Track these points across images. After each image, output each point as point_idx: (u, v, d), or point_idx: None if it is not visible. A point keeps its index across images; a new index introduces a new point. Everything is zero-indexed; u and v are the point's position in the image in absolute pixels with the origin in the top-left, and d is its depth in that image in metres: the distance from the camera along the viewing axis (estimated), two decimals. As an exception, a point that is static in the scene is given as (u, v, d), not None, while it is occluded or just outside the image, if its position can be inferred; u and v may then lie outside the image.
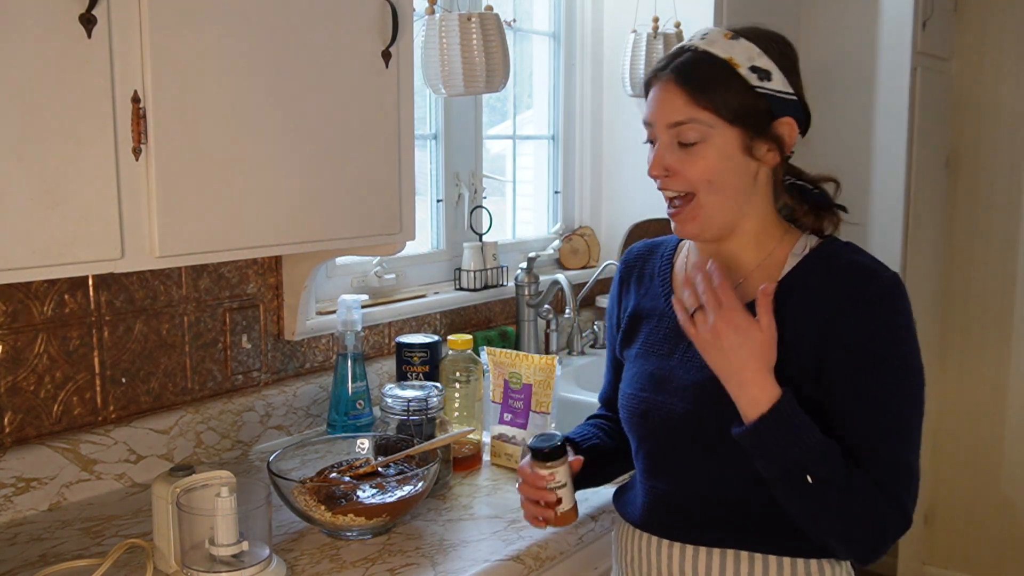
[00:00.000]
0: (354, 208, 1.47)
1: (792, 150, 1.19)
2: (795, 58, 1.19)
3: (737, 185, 1.16)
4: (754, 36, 1.17)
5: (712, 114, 1.13)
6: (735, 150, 1.14)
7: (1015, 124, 3.24)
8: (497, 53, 1.90)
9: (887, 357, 1.10)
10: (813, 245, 1.19)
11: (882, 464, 1.08)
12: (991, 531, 3.39)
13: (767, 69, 1.14)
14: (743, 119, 1.13)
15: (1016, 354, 3.31)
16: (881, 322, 1.10)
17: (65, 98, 1.09)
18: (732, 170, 1.15)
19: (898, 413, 1.10)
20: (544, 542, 1.35)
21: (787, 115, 1.15)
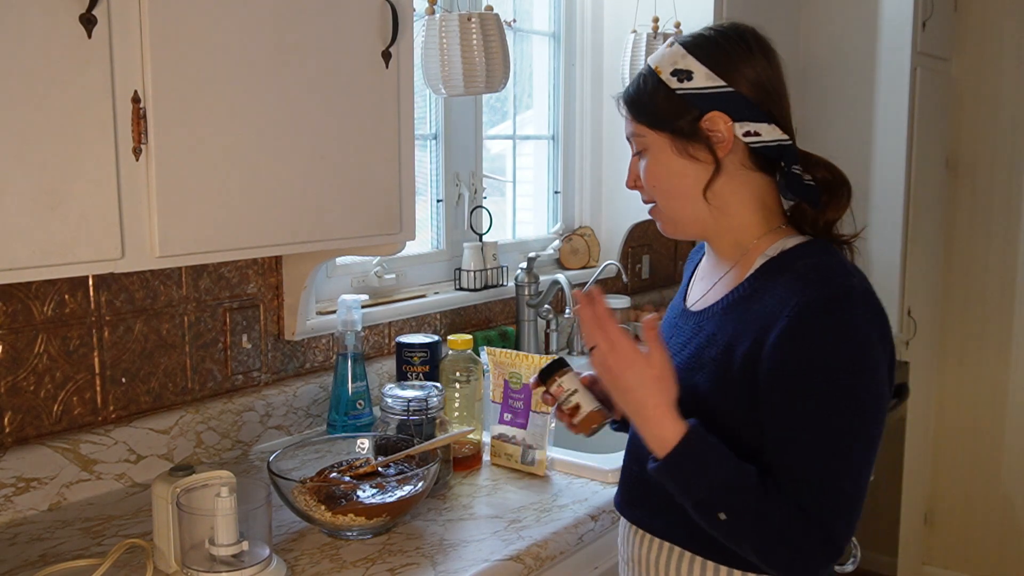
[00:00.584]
0: (354, 208, 1.47)
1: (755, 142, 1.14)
2: (738, 49, 1.14)
3: (684, 188, 1.16)
4: (691, 38, 1.17)
5: (644, 125, 1.17)
6: (670, 155, 1.16)
7: (1015, 124, 3.24)
8: (497, 53, 1.90)
9: (817, 377, 1.02)
10: (788, 247, 1.15)
11: (807, 488, 1.03)
12: (991, 531, 3.39)
13: (688, 69, 1.13)
14: (666, 124, 1.15)
15: (1016, 354, 3.31)
16: (813, 339, 1.03)
17: (65, 98, 1.09)
18: (674, 175, 1.16)
19: (827, 436, 1.03)
20: (544, 542, 1.35)
21: (713, 110, 1.13)
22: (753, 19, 1.26)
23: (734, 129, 1.13)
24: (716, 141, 1.13)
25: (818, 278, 1.06)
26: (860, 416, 1.03)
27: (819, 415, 1.03)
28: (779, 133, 1.15)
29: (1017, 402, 3.32)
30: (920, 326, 3.11)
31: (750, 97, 1.13)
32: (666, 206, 1.20)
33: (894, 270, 2.94)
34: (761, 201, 1.17)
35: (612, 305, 1.15)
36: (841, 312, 1.03)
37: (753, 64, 1.14)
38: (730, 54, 1.14)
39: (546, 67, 2.60)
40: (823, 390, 1.02)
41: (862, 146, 2.94)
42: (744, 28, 1.18)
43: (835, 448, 1.03)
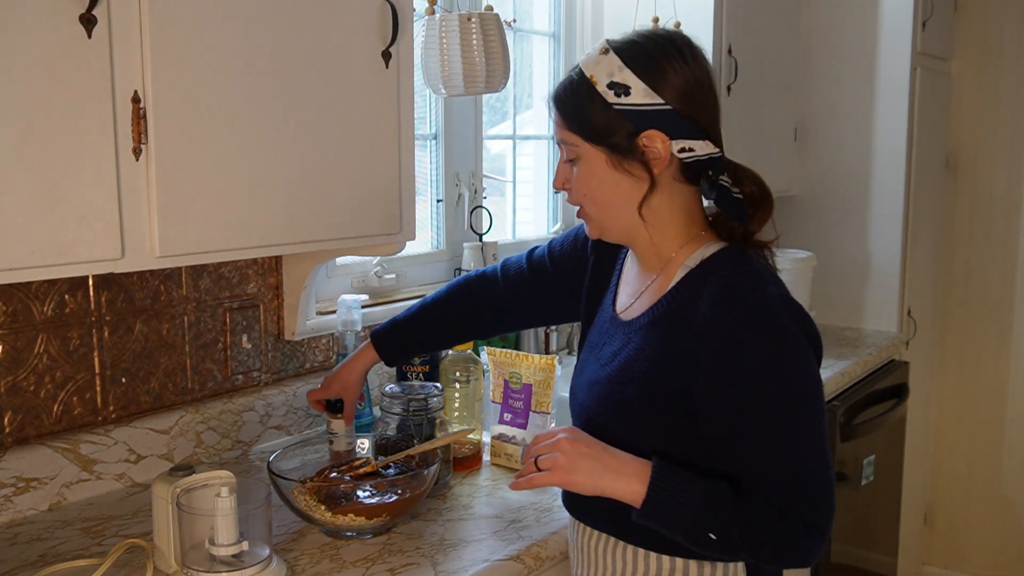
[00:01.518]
0: (354, 208, 1.47)
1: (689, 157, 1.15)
2: (669, 58, 1.14)
3: (614, 199, 1.18)
4: (626, 46, 1.15)
5: (577, 136, 1.17)
6: (603, 168, 1.17)
7: (1015, 124, 3.24)
8: (497, 53, 1.90)
9: (758, 387, 1.07)
10: (707, 256, 1.17)
11: (777, 488, 1.08)
12: (991, 531, 3.39)
13: (625, 84, 1.13)
14: (602, 138, 1.15)
15: (1016, 354, 3.31)
16: (745, 353, 1.07)
17: (65, 98, 1.09)
18: (606, 186, 1.18)
19: (783, 437, 1.07)
20: (544, 542, 1.35)
21: (650, 128, 1.13)
22: (753, 19, 1.26)
23: (671, 147, 1.14)
24: (652, 158, 1.14)
25: (735, 295, 1.10)
26: (805, 410, 1.09)
27: (771, 421, 1.07)
28: (711, 147, 1.16)
29: (1017, 402, 3.32)
30: (920, 326, 3.11)
31: (684, 112, 1.13)
32: (595, 213, 1.22)
33: (894, 270, 2.94)
34: (687, 212, 1.20)
35: None
36: (764, 322, 1.08)
37: (684, 74, 1.14)
38: (663, 65, 1.13)
39: (546, 67, 2.60)
40: (767, 397, 1.07)
41: (862, 146, 2.93)
42: (677, 36, 1.18)
43: (792, 446, 1.08)
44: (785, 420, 1.08)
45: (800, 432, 1.08)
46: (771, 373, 1.07)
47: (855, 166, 2.92)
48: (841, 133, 2.96)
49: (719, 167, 1.17)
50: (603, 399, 1.19)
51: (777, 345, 1.07)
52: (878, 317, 2.97)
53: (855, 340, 2.82)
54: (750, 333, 1.07)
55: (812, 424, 1.09)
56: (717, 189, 1.16)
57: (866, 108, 2.92)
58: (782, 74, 2.91)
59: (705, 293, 1.12)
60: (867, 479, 2.58)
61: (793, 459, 1.08)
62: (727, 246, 1.19)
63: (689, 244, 1.19)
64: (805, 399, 1.09)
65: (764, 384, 1.07)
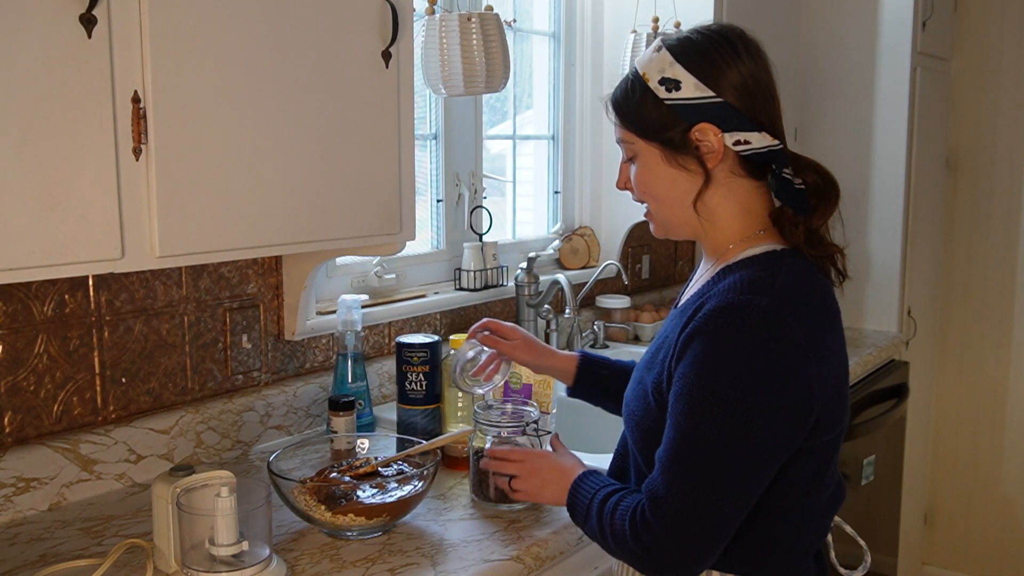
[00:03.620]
0: (354, 208, 1.47)
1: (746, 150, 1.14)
2: (725, 53, 1.14)
3: (674, 195, 1.18)
4: (679, 43, 1.16)
5: (633, 133, 1.19)
6: (659, 163, 1.17)
7: (1015, 124, 3.24)
8: (497, 53, 1.90)
9: (693, 380, 1.06)
10: (751, 255, 1.15)
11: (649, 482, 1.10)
12: (991, 531, 3.39)
13: (676, 79, 1.13)
14: (656, 134, 1.16)
15: (1016, 354, 3.31)
16: (699, 346, 1.06)
17: (65, 98, 1.09)
18: (664, 182, 1.18)
19: (681, 440, 1.07)
20: (544, 542, 1.35)
21: (702, 121, 1.13)
22: (753, 19, 1.26)
23: (724, 139, 1.14)
24: (705, 152, 1.14)
25: (730, 289, 1.08)
26: (727, 429, 1.04)
27: (684, 418, 1.06)
28: (769, 139, 1.15)
29: (1017, 402, 3.32)
30: (920, 326, 3.11)
31: (738, 105, 1.13)
32: (656, 211, 1.23)
33: (894, 270, 2.94)
34: (746, 207, 1.18)
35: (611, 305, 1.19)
36: (730, 326, 1.05)
37: (739, 68, 1.13)
38: (716, 60, 1.13)
39: (546, 67, 2.60)
40: (695, 394, 1.05)
41: (862, 146, 2.93)
42: (731, 30, 1.18)
43: (682, 453, 1.07)
44: (698, 425, 1.05)
45: (705, 447, 1.05)
46: (711, 374, 1.05)
47: (855, 166, 2.92)
48: (841, 134, 2.96)
49: (782, 160, 1.15)
50: (638, 384, 1.22)
51: (729, 353, 1.05)
52: (878, 317, 2.97)
53: (855, 340, 2.82)
54: (712, 329, 1.06)
55: (725, 447, 1.04)
56: (778, 181, 1.15)
57: (866, 108, 2.92)
58: (782, 74, 2.90)
59: (718, 286, 1.12)
60: (867, 479, 2.58)
61: (682, 469, 1.07)
62: (777, 248, 1.16)
63: (745, 241, 1.18)
64: (729, 419, 1.04)
65: (699, 380, 1.05)
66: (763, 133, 1.14)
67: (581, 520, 1.21)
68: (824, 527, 1.22)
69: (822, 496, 1.17)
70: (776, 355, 1.04)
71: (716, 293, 1.10)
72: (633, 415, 1.21)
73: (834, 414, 1.12)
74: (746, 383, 1.03)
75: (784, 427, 1.06)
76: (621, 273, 2.43)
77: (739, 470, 1.06)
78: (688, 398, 1.06)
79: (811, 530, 1.19)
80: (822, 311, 1.13)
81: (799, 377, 1.05)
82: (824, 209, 1.17)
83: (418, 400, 1.71)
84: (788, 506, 1.14)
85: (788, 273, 1.11)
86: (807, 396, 1.06)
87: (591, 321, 2.56)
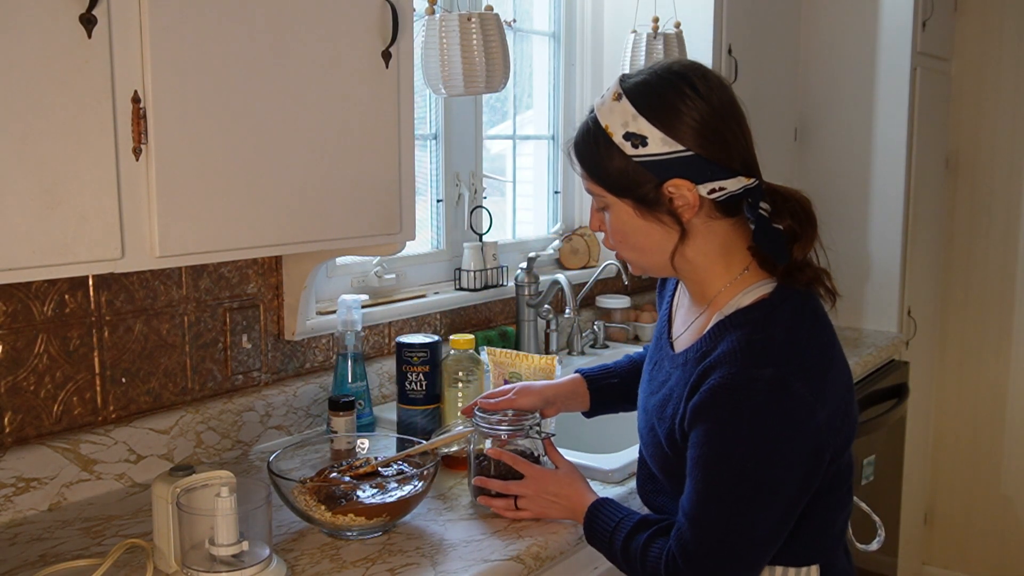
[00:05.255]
0: (354, 208, 1.47)
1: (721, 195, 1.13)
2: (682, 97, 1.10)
3: (648, 245, 1.18)
4: (638, 89, 1.12)
5: (602, 188, 1.17)
6: (632, 217, 1.16)
7: (1015, 124, 3.24)
8: (497, 53, 1.90)
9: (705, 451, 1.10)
10: (743, 306, 1.16)
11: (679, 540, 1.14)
12: (991, 531, 3.39)
13: (641, 134, 1.10)
14: (627, 191, 1.14)
15: (1016, 354, 3.31)
16: (709, 420, 1.10)
17: (65, 98, 1.09)
18: (639, 234, 1.18)
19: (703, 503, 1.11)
20: (544, 542, 1.35)
21: (674, 176, 1.11)
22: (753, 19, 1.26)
23: (698, 192, 1.12)
24: (680, 205, 1.13)
25: (733, 360, 1.09)
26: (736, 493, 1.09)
27: (702, 481, 1.11)
28: (744, 180, 1.13)
29: (1017, 402, 3.32)
30: (920, 326, 3.11)
31: (707, 155, 1.10)
32: (632, 258, 1.23)
33: (894, 270, 2.94)
34: (726, 247, 1.18)
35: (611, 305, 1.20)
36: (737, 404, 1.07)
37: (702, 112, 1.10)
38: (677, 107, 1.10)
39: (546, 67, 2.60)
40: (709, 461, 1.10)
41: (862, 146, 2.93)
42: (689, 68, 1.14)
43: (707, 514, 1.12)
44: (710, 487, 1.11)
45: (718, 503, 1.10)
46: (715, 443, 1.09)
47: (855, 166, 2.92)
48: (841, 133, 2.96)
49: (758, 195, 1.14)
50: (650, 430, 1.26)
51: (736, 427, 1.08)
52: (878, 317, 2.97)
53: (855, 340, 2.82)
54: (718, 403, 1.08)
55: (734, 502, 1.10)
56: (756, 219, 1.14)
57: (866, 108, 2.92)
58: (782, 74, 2.91)
59: (717, 350, 1.12)
60: (867, 479, 2.58)
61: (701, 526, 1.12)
62: (766, 296, 1.15)
63: (733, 285, 1.18)
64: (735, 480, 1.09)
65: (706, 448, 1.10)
66: (737, 177, 1.13)
67: (604, 545, 1.27)
68: (850, 507, 1.27)
69: (845, 486, 1.23)
70: (784, 418, 1.07)
71: (719, 362, 1.10)
72: (652, 456, 1.27)
73: (847, 429, 1.16)
74: (759, 448, 1.07)
75: (801, 475, 1.10)
76: (621, 273, 2.43)
77: (762, 522, 1.10)
78: (705, 466, 1.10)
79: (840, 517, 1.24)
80: (821, 355, 1.13)
81: (808, 430, 1.08)
82: (802, 244, 1.17)
83: (418, 400, 1.72)
84: (821, 502, 1.18)
85: (783, 329, 1.12)
86: (817, 442, 1.10)
87: (591, 321, 2.56)
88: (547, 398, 1.51)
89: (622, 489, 1.54)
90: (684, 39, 2.39)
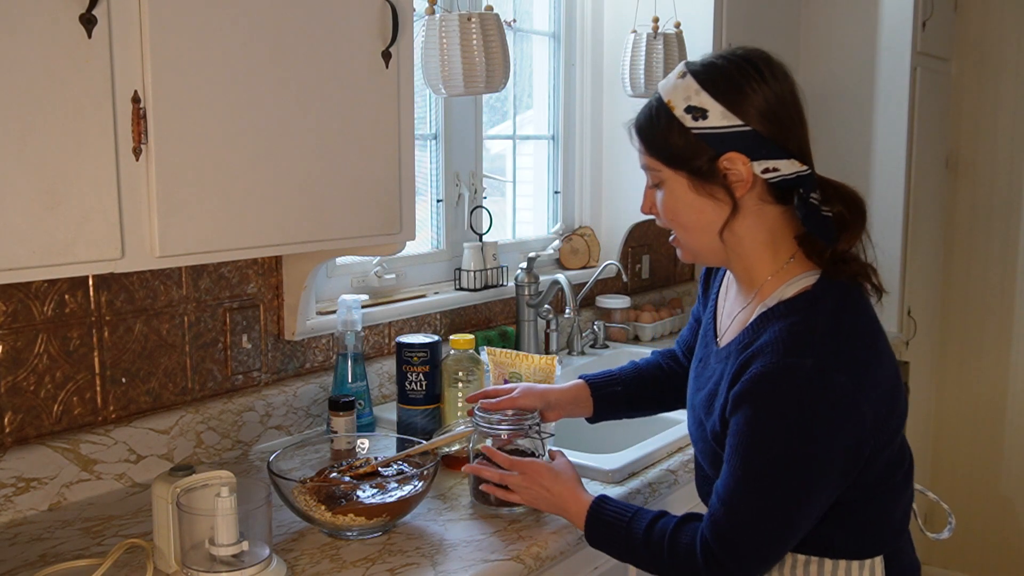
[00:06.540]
0: (354, 208, 1.47)
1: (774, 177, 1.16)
2: (749, 79, 1.14)
3: (702, 223, 1.19)
4: (703, 69, 1.15)
5: (659, 161, 1.19)
6: (686, 192, 1.18)
7: (1015, 124, 3.24)
8: (497, 53, 1.90)
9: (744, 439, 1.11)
10: (786, 298, 1.17)
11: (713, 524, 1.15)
12: (991, 531, 3.39)
13: (702, 107, 1.13)
14: (683, 163, 1.16)
15: (1016, 354, 3.31)
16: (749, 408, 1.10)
17: (65, 98, 1.09)
18: (691, 210, 1.19)
19: (738, 489, 1.12)
20: (544, 542, 1.35)
21: (730, 150, 1.13)
22: (753, 19, 1.27)
23: (752, 168, 1.14)
24: (734, 180, 1.15)
25: (775, 350, 1.10)
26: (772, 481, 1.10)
27: (739, 468, 1.12)
28: (798, 165, 1.15)
29: (1017, 402, 3.32)
30: (920, 326, 3.11)
31: (765, 133, 1.13)
32: (684, 237, 1.23)
33: (894, 270, 2.94)
34: (774, 234, 1.19)
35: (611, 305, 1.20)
36: (778, 392, 1.08)
37: (764, 93, 1.13)
38: (741, 85, 1.13)
39: (546, 67, 2.60)
40: (747, 449, 1.11)
41: (862, 146, 2.93)
42: (756, 54, 1.17)
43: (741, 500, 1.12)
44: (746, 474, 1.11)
45: (753, 490, 1.11)
46: (753, 431, 1.10)
47: (855, 166, 2.92)
48: (841, 133, 2.95)
49: (809, 185, 1.15)
50: (699, 426, 1.26)
51: (778, 415, 1.09)
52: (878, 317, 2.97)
53: (855, 340, 2.82)
54: (758, 392, 1.09)
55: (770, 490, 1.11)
56: (805, 207, 1.15)
57: (866, 108, 2.92)
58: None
59: (759, 340, 1.14)
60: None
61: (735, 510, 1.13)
62: (811, 286, 1.17)
63: (779, 274, 1.19)
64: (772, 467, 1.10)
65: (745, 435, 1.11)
66: (791, 160, 1.14)
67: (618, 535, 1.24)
68: (910, 497, 1.26)
69: (902, 468, 1.22)
70: (826, 410, 1.07)
71: (760, 351, 1.11)
72: (703, 452, 1.27)
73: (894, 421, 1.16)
74: (798, 437, 1.08)
75: (840, 466, 1.10)
76: (621, 273, 2.43)
77: (796, 509, 1.11)
78: (743, 453, 1.11)
79: (900, 504, 1.22)
80: (864, 347, 1.14)
81: (849, 422, 1.08)
82: (850, 235, 1.18)
83: (418, 400, 1.72)
84: (877, 489, 1.17)
85: (826, 320, 1.13)
86: (858, 435, 1.10)
87: (591, 321, 2.56)
88: (549, 402, 1.50)
89: (622, 489, 1.54)
90: (684, 39, 2.39)
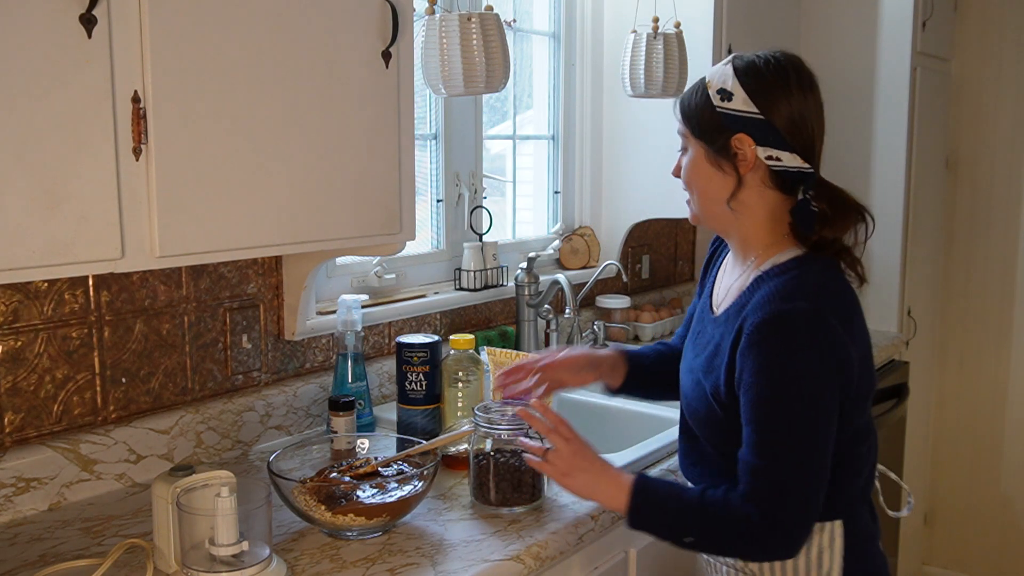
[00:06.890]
0: (354, 208, 1.47)
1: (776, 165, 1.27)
2: (780, 82, 1.27)
3: (710, 190, 1.33)
4: (745, 61, 1.29)
5: (688, 130, 1.34)
6: (702, 160, 1.32)
7: (1015, 124, 3.24)
8: (497, 53, 1.90)
9: (760, 387, 1.19)
10: (779, 262, 1.29)
11: (756, 480, 1.20)
12: (991, 531, 3.39)
13: (731, 91, 1.28)
14: (704, 134, 1.31)
15: (1016, 354, 3.31)
16: (755, 355, 1.19)
17: (65, 98, 1.09)
18: (704, 177, 1.33)
19: (769, 437, 1.19)
20: (544, 542, 1.35)
21: (741, 132, 1.27)
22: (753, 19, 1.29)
23: (757, 152, 1.27)
24: (740, 159, 1.28)
25: (771, 300, 1.22)
26: (798, 420, 1.19)
27: (764, 419, 1.20)
28: (800, 162, 1.28)
29: (1017, 402, 3.32)
30: (920, 326, 3.11)
31: (780, 128, 1.26)
32: (694, 200, 1.37)
33: (894, 270, 2.94)
34: (773, 216, 1.32)
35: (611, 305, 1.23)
36: (779, 334, 1.19)
37: (790, 99, 1.26)
38: (771, 86, 1.27)
39: (546, 67, 2.60)
40: (765, 397, 1.19)
41: (862, 146, 2.93)
42: (791, 61, 1.30)
43: (775, 446, 1.20)
44: (777, 423, 1.19)
45: (787, 437, 1.19)
46: (767, 378, 1.19)
47: (855, 166, 2.92)
48: (841, 133, 2.95)
49: (810, 182, 1.28)
50: (696, 385, 1.34)
51: (780, 356, 1.19)
52: (878, 317, 2.97)
53: (855, 340, 2.82)
54: (762, 338, 1.19)
55: (799, 433, 1.19)
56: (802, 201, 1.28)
57: (866, 108, 2.92)
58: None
59: (756, 296, 1.25)
60: (867, 479, 2.58)
61: (774, 457, 1.20)
62: (801, 254, 1.30)
63: (773, 246, 1.32)
64: (798, 410, 1.19)
65: (760, 386, 1.19)
66: (794, 155, 1.27)
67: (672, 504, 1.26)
68: (871, 472, 1.36)
69: (867, 442, 1.32)
70: (826, 348, 1.19)
71: (755, 306, 1.23)
72: (697, 413, 1.35)
73: (867, 376, 1.28)
74: (807, 377, 1.18)
75: (838, 402, 1.22)
76: (621, 273, 2.43)
77: (820, 446, 1.20)
78: (761, 407, 1.19)
79: (862, 475, 1.32)
80: (847, 303, 1.27)
81: (843, 362, 1.21)
82: (832, 228, 1.30)
83: (418, 400, 1.72)
84: (843, 457, 1.27)
85: (815, 275, 1.26)
86: (850, 374, 1.22)
87: (591, 321, 2.56)
88: (592, 360, 1.57)
89: (622, 489, 1.54)
90: (684, 39, 2.39)
